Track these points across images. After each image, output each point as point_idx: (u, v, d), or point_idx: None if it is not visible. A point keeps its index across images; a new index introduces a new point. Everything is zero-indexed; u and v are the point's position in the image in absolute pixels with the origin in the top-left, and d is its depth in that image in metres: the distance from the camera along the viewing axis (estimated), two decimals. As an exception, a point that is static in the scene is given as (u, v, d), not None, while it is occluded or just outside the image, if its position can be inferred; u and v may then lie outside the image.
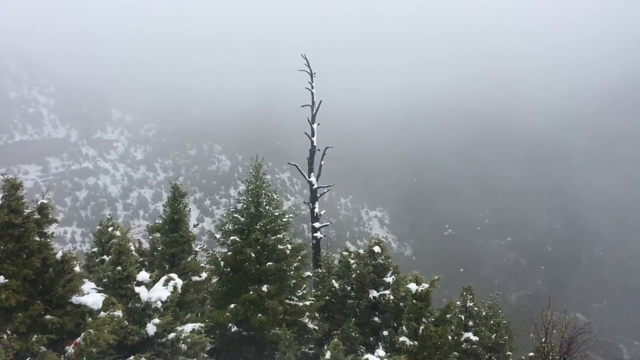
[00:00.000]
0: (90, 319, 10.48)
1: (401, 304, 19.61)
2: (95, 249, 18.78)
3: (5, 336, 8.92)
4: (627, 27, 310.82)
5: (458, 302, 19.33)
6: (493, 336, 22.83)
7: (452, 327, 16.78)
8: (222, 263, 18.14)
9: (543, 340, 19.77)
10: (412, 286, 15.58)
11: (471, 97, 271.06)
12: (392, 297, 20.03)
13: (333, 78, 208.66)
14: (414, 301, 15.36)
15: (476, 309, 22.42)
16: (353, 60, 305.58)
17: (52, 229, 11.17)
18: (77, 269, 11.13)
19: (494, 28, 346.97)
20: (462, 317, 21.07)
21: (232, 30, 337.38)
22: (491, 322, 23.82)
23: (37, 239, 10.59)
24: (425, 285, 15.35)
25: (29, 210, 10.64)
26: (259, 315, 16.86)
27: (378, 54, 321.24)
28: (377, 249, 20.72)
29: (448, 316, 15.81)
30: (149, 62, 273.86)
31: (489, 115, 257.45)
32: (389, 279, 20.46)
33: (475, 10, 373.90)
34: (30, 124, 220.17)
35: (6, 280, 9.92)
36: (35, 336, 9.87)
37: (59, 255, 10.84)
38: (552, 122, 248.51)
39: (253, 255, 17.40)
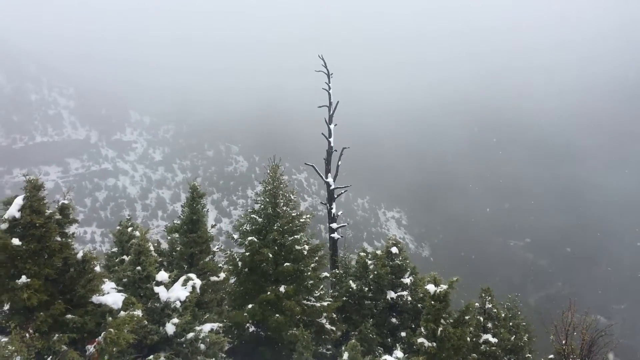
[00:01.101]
0: (110, 319, 10.58)
1: (419, 305, 19.52)
2: (115, 249, 18.97)
3: (27, 335, 9.05)
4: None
5: (477, 304, 19.20)
6: (512, 338, 22.59)
7: (471, 328, 16.65)
8: (239, 263, 18.20)
9: (563, 342, 19.51)
10: (431, 287, 15.49)
11: (484, 96, 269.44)
12: (410, 298, 19.95)
13: (348, 79, 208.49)
14: (432, 302, 15.27)
15: (495, 310, 22.21)
16: (365, 61, 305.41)
17: (72, 229, 11.29)
18: (97, 268, 11.25)
19: (502, 26, 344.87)
20: (481, 318, 20.88)
21: (246, 32, 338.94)
22: (510, 323, 23.58)
23: (58, 239, 10.72)
24: (444, 287, 15.26)
25: (50, 211, 10.77)
26: (277, 315, 16.89)
27: (388, 54, 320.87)
28: (394, 249, 20.65)
29: (467, 318, 15.70)
30: (166, 65, 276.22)
31: (501, 113, 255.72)
32: (407, 280, 20.38)
33: (483, 8, 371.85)
34: (50, 126, 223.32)
35: (28, 280, 10.05)
36: (57, 335, 9.99)
37: (79, 255, 10.97)
38: (564, 121, 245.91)
39: (270, 255, 17.44)
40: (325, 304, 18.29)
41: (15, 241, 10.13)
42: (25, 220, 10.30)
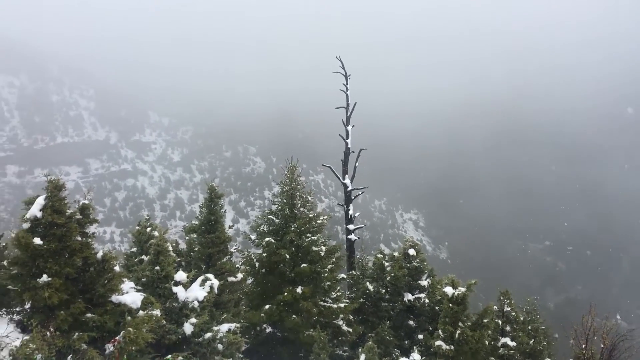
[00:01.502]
0: (129, 318, 10.67)
1: (437, 307, 19.40)
2: (134, 249, 19.15)
3: (48, 333, 9.16)
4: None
5: (495, 307, 19.02)
6: (531, 342, 22.34)
7: (489, 331, 16.49)
8: (257, 264, 18.26)
9: (583, 347, 19.25)
10: (449, 290, 15.39)
11: (503, 97, 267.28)
12: (427, 301, 19.84)
13: (365, 80, 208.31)
14: (450, 305, 15.17)
15: (514, 313, 22.00)
16: (383, 62, 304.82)
17: (92, 229, 11.41)
18: (117, 268, 11.36)
19: (523, 27, 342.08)
20: (499, 322, 20.69)
21: (265, 35, 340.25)
22: (529, 327, 23.32)
23: (79, 238, 10.83)
24: (462, 289, 15.15)
25: (71, 211, 10.89)
26: (293, 316, 16.91)
27: (405, 55, 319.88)
28: (412, 251, 20.55)
29: (485, 321, 15.56)
30: (184, 67, 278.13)
31: (520, 114, 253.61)
32: (424, 282, 20.27)
33: (506, 9, 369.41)
34: (71, 127, 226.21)
35: (49, 279, 10.18)
36: (77, 334, 10.10)
37: (99, 254, 11.08)
38: (585, 122, 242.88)
39: (287, 256, 17.46)
40: (342, 305, 18.27)
41: (37, 240, 10.26)
42: (47, 220, 10.43)
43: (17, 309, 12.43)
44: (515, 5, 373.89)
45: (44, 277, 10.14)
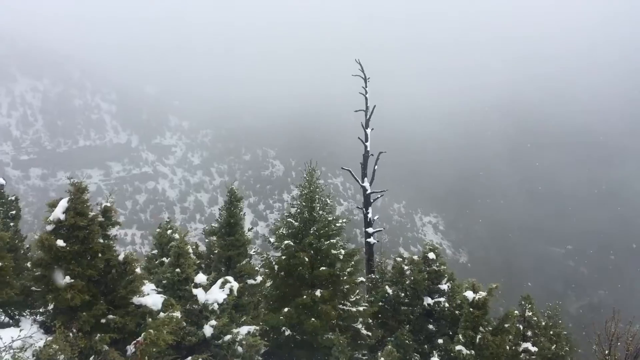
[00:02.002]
0: (150, 320, 10.76)
1: (457, 312, 19.21)
2: (155, 251, 19.29)
3: (71, 334, 9.27)
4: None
5: (516, 312, 18.80)
6: (553, 347, 21.99)
7: (510, 336, 16.32)
8: (276, 267, 18.28)
9: (606, 352, 18.92)
10: (469, 294, 15.26)
11: (521, 99, 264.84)
12: (447, 305, 19.66)
13: (384, 83, 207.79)
14: (471, 309, 15.04)
15: (535, 318, 21.69)
16: (402, 65, 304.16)
17: (114, 231, 11.53)
18: (138, 270, 11.46)
19: (541, 31, 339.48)
20: (521, 326, 20.43)
21: (284, 40, 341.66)
22: (551, 332, 22.97)
23: (101, 240, 10.95)
24: (483, 294, 15.01)
25: (93, 213, 11.02)
26: (312, 319, 16.88)
27: (425, 58, 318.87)
28: (431, 255, 20.39)
29: (506, 325, 15.40)
30: (204, 72, 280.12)
31: (540, 116, 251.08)
32: (444, 287, 20.10)
33: (524, 13, 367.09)
34: (93, 130, 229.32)
35: (72, 281, 10.32)
36: (99, 335, 10.22)
37: (121, 256, 11.18)
38: (606, 124, 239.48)
39: (306, 259, 17.46)
40: (361, 308, 18.21)
41: (60, 242, 10.40)
42: (70, 222, 10.56)
43: (41, 310, 12.59)
44: (532, 9, 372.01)
45: (67, 279, 10.27)
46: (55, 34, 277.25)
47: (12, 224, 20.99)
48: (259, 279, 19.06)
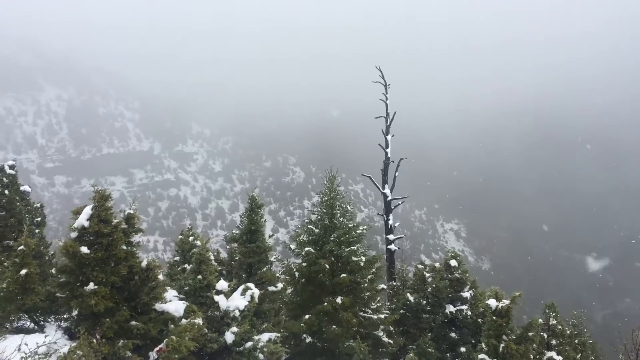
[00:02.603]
0: (172, 326, 10.83)
1: (479, 320, 19.02)
2: (177, 258, 19.44)
3: (94, 340, 9.37)
4: None
5: (540, 320, 18.51)
6: (578, 356, 21.61)
7: (534, 345, 16.05)
8: (296, 274, 18.27)
9: (634, 362, 18.51)
10: (492, 302, 15.06)
11: (542, 103, 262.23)
12: (469, 313, 19.47)
13: (405, 90, 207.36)
14: (494, 318, 14.84)
15: (559, 327, 21.33)
16: (421, 72, 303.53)
17: (137, 238, 11.64)
18: (160, 277, 11.55)
19: (558, 35, 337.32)
20: (545, 335, 20.11)
21: (304, 47, 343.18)
22: (576, 341, 22.57)
23: (124, 247, 11.06)
24: (506, 302, 14.80)
25: (117, 220, 11.15)
26: (333, 327, 16.83)
27: (444, 65, 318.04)
28: (453, 262, 20.24)
29: (530, 334, 15.15)
30: (225, 82, 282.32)
31: (561, 122, 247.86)
32: (467, 294, 19.92)
33: (536, 19, 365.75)
34: (116, 138, 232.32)
35: (96, 287, 10.43)
36: (122, 341, 10.30)
37: (144, 263, 11.28)
38: (630, 128, 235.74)
39: (327, 266, 17.42)
40: (382, 316, 18.11)
41: (84, 249, 10.53)
42: (94, 229, 10.69)
43: (65, 316, 12.75)
44: (548, 15, 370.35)
45: (91, 285, 10.40)
46: (80, 44, 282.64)
47: (37, 230, 21.36)
48: (280, 285, 19.09)
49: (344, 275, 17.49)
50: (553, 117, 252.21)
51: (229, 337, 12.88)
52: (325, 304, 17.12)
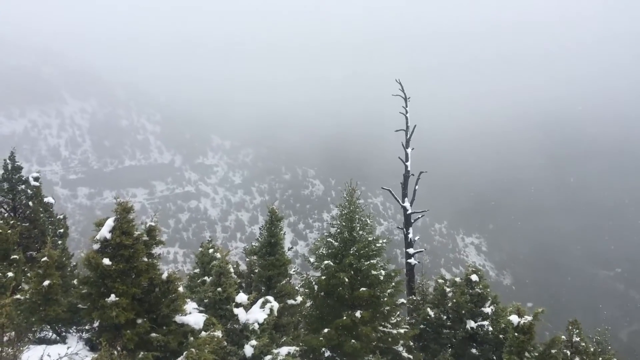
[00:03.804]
0: (192, 339, 10.85)
1: (501, 336, 18.74)
2: (197, 270, 19.53)
3: (115, 352, 9.42)
4: None
5: (563, 337, 18.18)
6: (602, 375, 21.16)
7: (557, 363, 15.77)
8: (315, 287, 18.22)
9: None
10: (514, 318, 14.85)
11: (563, 114, 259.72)
12: (491, 329, 19.20)
13: (424, 104, 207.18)
14: (516, 334, 14.63)
15: (583, 344, 20.91)
16: (441, 85, 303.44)
17: (158, 250, 11.72)
18: (180, 289, 11.60)
19: (579, 47, 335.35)
20: (568, 352, 19.73)
21: (322, 61, 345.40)
22: (600, 358, 22.12)
23: (145, 259, 11.13)
24: (528, 318, 14.58)
25: (138, 232, 11.24)
26: (352, 341, 16.72)
27: (463, 78, 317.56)
28: (474, 277, 20.01)
29: (553, 351, 14.91)
30: (245, 96, 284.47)
31: (583, 136, 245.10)
32: (488, 310, 19.65)
33: (550, 31, 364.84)
34: (138, 150, 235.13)
35: (117, 299, 10.51)
36: (142, 353, 10.34)
37: (164, 275, 11.33)
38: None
39: (346, 280, 17.34)
40: (402, 331, 17.94)
41: (106, 261, 10.63)
42: (115, 241, 10.79)
43: (87, 327, 12.88)
44: (561, 26, 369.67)
45: (112, 297, 10.47)
46: (103, 58, 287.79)
47: (60, 242, 21.65)
48: (299, 299, 19.03)
49: (364, 289, 17.39)
50: (569, 128, 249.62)
51: (248, 350, 12.86)
52: (345, 317, 17.02)
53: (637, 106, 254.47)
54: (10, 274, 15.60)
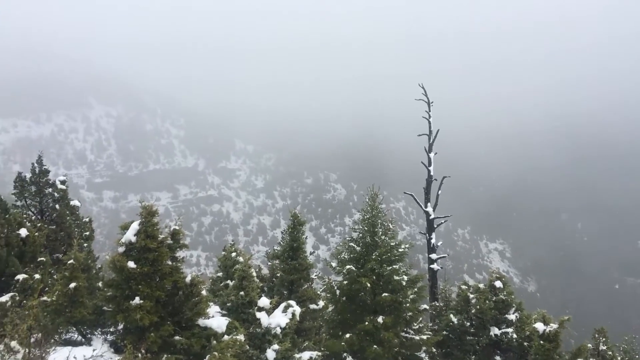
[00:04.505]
0: (214, 342, 10.89)
1: (525, 343, 18.46)
2: (219, 274, 19.64)
3: (139, 355, 9.49)
4: None
5: (590, 345, 17.85)
6: (630, 384, 20.74)
7: (584, 372, 15.49)
8: (337, 292, 18.16)
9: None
10: (539, 326, 14.64)
11: (587, 117, 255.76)
12: (515, 336, 18.92)
13: (448, 108, 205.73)
14: (542, 342, 14.40)
15: (610, 352, 20.52)
16: (464, 90, 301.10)
17: (182, 253, 11.80)
18: (204, 292, 11.66)
19: (591, 48, 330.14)
20: (595, 361, 19.36)
21: (345, 66, 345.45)
22: (627, 368, 21.70)
23: (169, 262, 11.21)
24: (554, 326, 14.36)
25: (163, 236, 11.33)
26: (375, 346, 16.61)
27: (485, 82, 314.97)
28: (498, 283, 19.75)
29: (579, 360, 14.65)
30: (267, 101, 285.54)
31: (608, 135, 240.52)
32: (512, 317, 19.37)
33: (567, 33, 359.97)
34: (162, 154, 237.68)
35: (141, 301, 10.60)
36: (166, 356, 10.41)
37: (188, 278, 11.40)
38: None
39: (368, 285, 17.25)
40: (424, 337, 17.77)
41: (131, 264, 10.73)
42: (140, 245, 10.89)
43: (111, 330, 13.02)
44: (579, 28, 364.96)
45: (137, 300, 10.57)
46: (129, 63, 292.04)
47: (85, 244, 21.97)
48: (321, 303, 19.01)
49: (386, 294, 17.27)
50: (596, 134, 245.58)
51: (270, 354, 12.86)
52: (367, 323, 16.92)
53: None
54: (37, 276, 15.89)
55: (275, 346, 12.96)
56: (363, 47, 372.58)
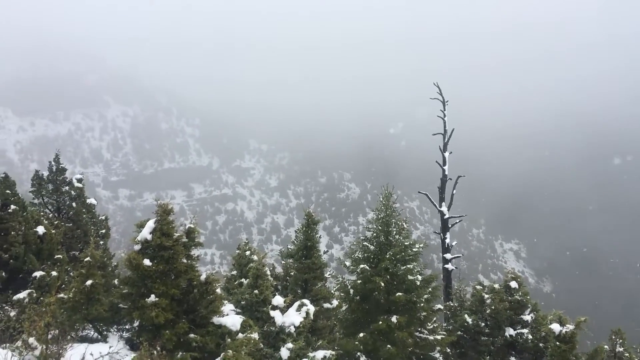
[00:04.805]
0: (229, 340, 10.94)
1: (541, 344, 18.32)
2: (234, 272, 19.71)
3: (155, 352, 9.56)
4: None
5: (606, 347, 17.67)
6: (648, 387, 20.44)
7: (600, 374, 15.34)
8: (351, 291, 18.15)
9: None
10: (555, 327, 14.52)
11: (602, 115, 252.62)
12: (530, 337, 18.78)
13: (464, 107, 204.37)
14: (558, 343, 14.28)
15: (627, 354, 20.27)
16: (481, 88, 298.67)
17: (197, 251, 11.87)
18: (218, 290, 11.72)
19: (607, 42, 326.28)
20: (612, 363, 19.15)
21: (359, 65, 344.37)
22: (646, 370, 21.39)
23: (184, 261, 11.28)
24: (570, 327, 14.22)
25: (178, 234, 11.41)
26: (388, 346, 16.58)
27: (499, 79, 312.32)
28: (513, 284, 19.61)
29: (596, 362, 14.50)
30: (282, 100, 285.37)
31: (622, 134, 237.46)
32: (527, 317, 19.23)
33: (585, 27, 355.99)
34: (177, 153, 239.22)
35: (156, 299, 10.68)
36: (181, 353, 10.48)
37: (203, 277, 11.47)
38: None
39: (382, 284, 17.23)
40: (438, 337, 17.72)
41: (147, 262, 10.81)
42: (156, 243, 10.97)
43: (127, 327, 13.14)
44: (597, 21, 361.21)
45: (152, 297, 10.64)
46: (145, 63, 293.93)
47: (101, 242, 22.18)
48: (335, 302, 19.00)
49: (400, 293, 17.23)
50: (614, 132, 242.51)
51: (284, 353, 12.88)
52: (380, 322, 16.90)
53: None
54: (54, 273, 16.08)
55: (289, 345, 12.98)
56: (381, 46, 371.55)
